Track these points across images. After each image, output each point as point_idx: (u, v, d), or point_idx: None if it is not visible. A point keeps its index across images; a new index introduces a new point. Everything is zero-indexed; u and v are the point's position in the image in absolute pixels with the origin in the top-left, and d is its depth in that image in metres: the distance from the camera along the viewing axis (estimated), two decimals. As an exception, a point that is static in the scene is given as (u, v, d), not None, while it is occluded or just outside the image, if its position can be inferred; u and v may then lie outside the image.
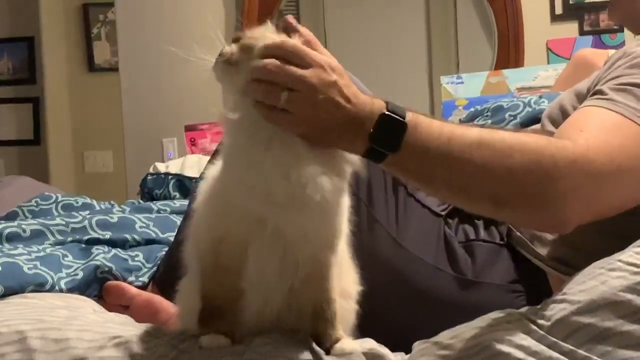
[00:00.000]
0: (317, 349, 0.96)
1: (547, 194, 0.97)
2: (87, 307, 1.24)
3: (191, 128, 2.92)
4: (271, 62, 0.91)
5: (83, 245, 1.48)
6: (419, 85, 3.85)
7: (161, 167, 2.15)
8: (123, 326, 1.07)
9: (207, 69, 0.94)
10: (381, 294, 1.11)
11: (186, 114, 3.08)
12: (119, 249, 1.49)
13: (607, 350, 0.89)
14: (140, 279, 1.43)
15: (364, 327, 1.04)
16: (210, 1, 3.45)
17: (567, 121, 1.10)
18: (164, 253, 1.48)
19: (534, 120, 1.54)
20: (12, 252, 1.36)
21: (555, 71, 2.62)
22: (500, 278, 1.22)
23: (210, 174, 1.01)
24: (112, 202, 1.80)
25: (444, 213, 1.29)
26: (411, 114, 0.96)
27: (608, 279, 0.93)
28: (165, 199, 1.97)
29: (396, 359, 1.01)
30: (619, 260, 0.95)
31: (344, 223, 0.98)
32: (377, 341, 1.03)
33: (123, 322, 1.11)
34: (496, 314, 0.99)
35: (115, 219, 1.57)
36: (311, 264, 0.96)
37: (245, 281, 0.96)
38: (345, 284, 1.03)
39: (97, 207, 1.71)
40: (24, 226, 1.48)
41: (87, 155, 4.70)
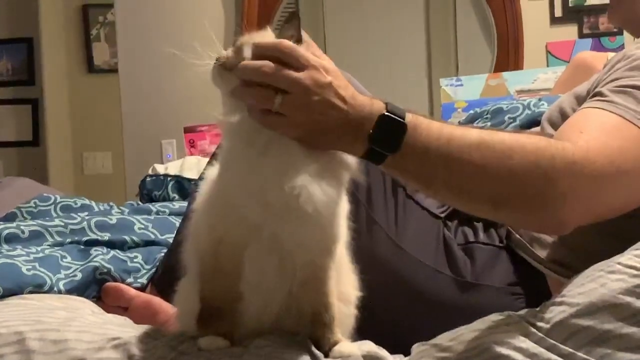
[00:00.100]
0: (316, 352, 0.95)
1: (547, 194, 0.97)
2: (85, 308, 1.24)
3: (190, 130, 2.91)
4: (265, 63, 0.90)
5: (82, 247, 1.48)
6: (418, 87, 3.84)
7: (160, 168, 2.15)
8: (122, 327, 1.06)
9: (206, 71, 0.94)
10: (380, 296, 1.11)
11: (185, 115, 3.08)
12: (117, 250, 1.49)
13: (607, 352, 0.88)
14: (139, 280, 1.43)
15: (363, 329, 1.04)
16: (210, 3, 3.45)
17: (567, 122, 1.10)
18: (162, 254, 1.48)
19: (534, 122, 1.54)
20: (10, 253, 1.36)
21: (555, 74, 2.62)
22: (499, 280, 1.22)
23: (210, 174, 1.00)
24: (111, 203, 1.80)
25: (443, 215, 1.29)
26: (411, 115, 0.96)
27: (607, 281, 0.93)
28: (164, 200, 1.97)
29: (395, 361, 1.01)
30: (618, 263, 0.95)
31: (342, 228, 0.97)
32: (376, 343, 1.02)
33: (122, 324, 1.11)
34: (495, 317, 0.99)
35: (114, 221, 1.56)
36: (308, 268, 0.96)
37: (243, 283, 0.96)
38: (344, 287, 1.03)
39: (96, 209, 1.71)
40: (22, 227, 1.48)
41: (86, 157, 4.70)
